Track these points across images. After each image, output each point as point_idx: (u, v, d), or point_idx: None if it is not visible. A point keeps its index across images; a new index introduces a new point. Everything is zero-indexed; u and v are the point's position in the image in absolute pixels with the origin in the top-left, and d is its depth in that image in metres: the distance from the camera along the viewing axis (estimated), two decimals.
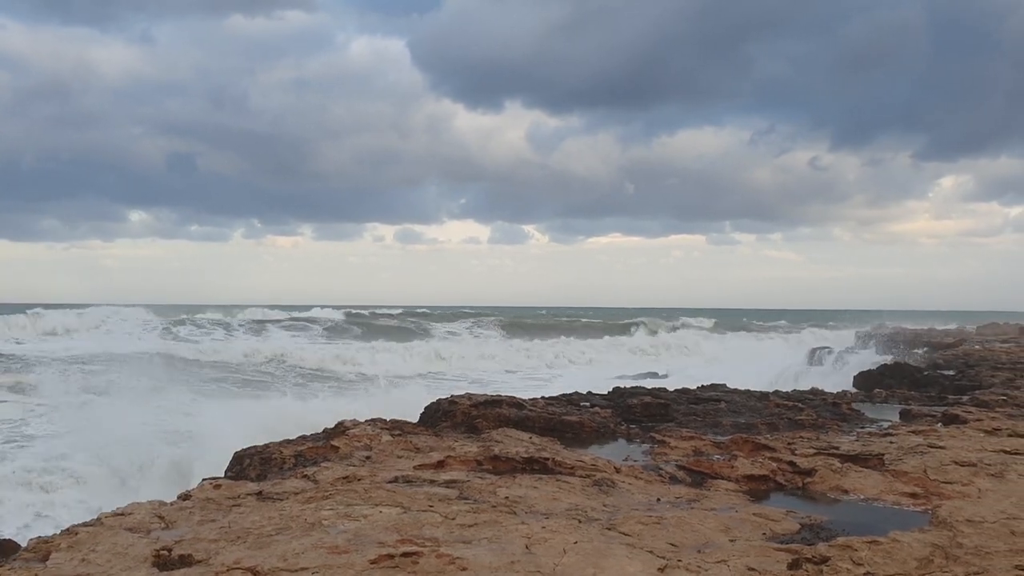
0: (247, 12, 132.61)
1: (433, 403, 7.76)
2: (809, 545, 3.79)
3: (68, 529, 4.04)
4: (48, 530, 4.65)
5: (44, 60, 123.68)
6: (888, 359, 17.52)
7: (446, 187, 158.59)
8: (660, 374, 27.45)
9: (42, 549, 3.76)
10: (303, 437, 6.53)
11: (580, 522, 4.10)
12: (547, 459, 5.45)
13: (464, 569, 3.32)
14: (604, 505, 4.55)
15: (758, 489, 5.25)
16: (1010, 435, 6.61)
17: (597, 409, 8.15)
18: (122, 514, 4.26)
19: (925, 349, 19.94)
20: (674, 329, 54.78)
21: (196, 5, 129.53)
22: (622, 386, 10.37)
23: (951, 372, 13.15)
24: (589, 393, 9.97)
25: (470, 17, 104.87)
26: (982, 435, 6.66)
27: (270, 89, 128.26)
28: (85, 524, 4.14)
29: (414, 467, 5.31)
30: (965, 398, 9.38)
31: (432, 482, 4.92)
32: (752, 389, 10.21)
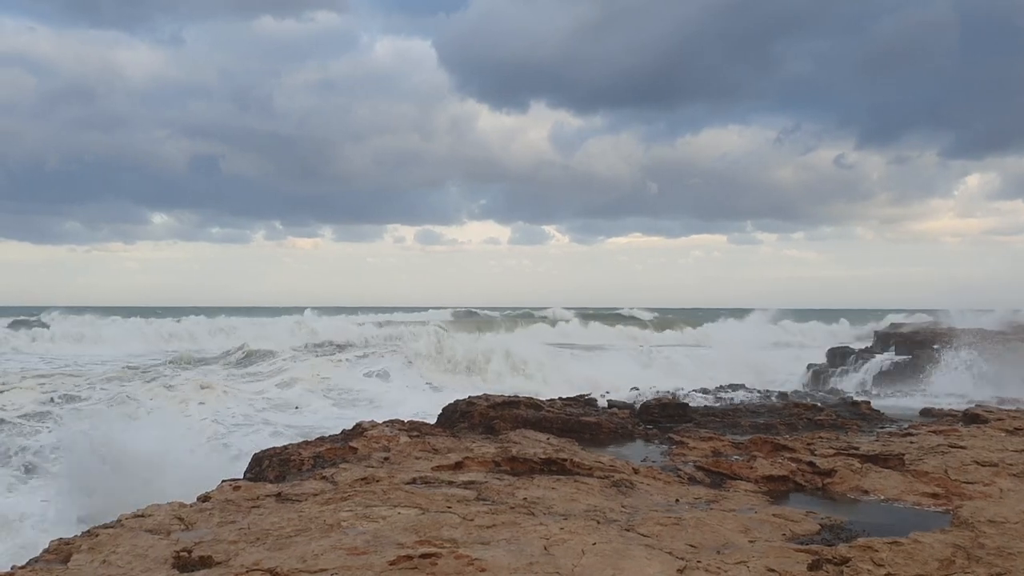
0: (277, 14, 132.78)
1: (450, 404, 7.78)
2: (829, 546, 3.76)
3: (89, 531, 4.07)
4: None
5: (70, 63, 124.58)
6: (906, 358, 17.38)
7: (467, 188, 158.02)
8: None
9: (63, 551, 3.79)
10: (321, 438, 6.56)
11: (599, 523, 4.09)
12: (565, 460, 5.44)
13: (483, 570, 3.32)
14: (623, 506, 4.54)
15: (777, 490, 5.22)
16: None
17: (615, 410, 8.14)
18: (142, 516, 4.29)
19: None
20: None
21: (226, 6, 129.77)
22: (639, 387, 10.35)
23: None
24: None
25: (497, 17, 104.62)
26: (1003, 434, 6.60)
27: (295, 91, 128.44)
28: (106, 526, 4.17)
29: (432, 468, 5.32)
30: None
31: (450, 483, 4.92)
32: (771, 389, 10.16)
